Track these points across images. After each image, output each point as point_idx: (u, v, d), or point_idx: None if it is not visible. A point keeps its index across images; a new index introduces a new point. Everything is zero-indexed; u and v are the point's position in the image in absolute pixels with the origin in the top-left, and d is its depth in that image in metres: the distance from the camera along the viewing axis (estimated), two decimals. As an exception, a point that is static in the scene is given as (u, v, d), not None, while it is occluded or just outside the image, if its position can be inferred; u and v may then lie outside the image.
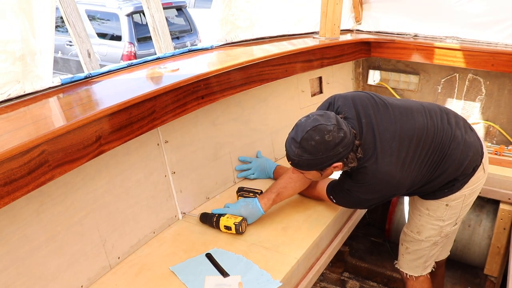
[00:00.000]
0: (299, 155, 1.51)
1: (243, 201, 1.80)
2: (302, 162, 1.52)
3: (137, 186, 1.66)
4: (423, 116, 1.67)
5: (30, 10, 1.38)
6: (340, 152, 1.50)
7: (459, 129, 1.71)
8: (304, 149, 1.49)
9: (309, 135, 1.47)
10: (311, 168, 1.55)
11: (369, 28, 3.18)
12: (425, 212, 1.83)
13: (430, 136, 1.64)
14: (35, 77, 1.48)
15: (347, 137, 1.51)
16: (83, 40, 3.04)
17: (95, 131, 1.32)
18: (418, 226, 1.87)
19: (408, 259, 1.97)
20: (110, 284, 1.47)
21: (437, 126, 1.67)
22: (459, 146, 1.67)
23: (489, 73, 2.75)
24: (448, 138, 1.66)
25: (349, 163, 1.56)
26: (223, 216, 1.74)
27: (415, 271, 1.97)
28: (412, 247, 1.93)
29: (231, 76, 1.93)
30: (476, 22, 2.77)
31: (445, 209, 1.78)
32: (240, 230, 1.71)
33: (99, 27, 7.24)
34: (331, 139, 1.47)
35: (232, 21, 2.36)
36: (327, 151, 1.48)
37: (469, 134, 1.74)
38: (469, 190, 1.75)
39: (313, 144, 1.47)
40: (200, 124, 1.96)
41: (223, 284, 1.45)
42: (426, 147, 1.63)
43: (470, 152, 1.69)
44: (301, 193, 1.97)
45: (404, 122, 1.63)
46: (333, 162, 1.52)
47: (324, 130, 1.47)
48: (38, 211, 1.31)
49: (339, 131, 1.49)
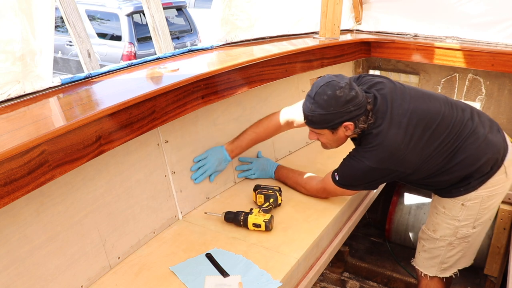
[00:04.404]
0: (312, 110, 1.62)
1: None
2: (315, 118, 1.63)
3: (137, 186, 1.66)
4: (441, 105, 1.73)
5: (30, 10, 1.38)
6: (351, 110, 1.61)
7: (483, 127, 1.74)
8: (317, 104, 1.61)
9: (322, 90, 1.60)
10: (323, 125, 1.65)
11: (369, 28, 3.18)
12: (441, 210, 1.86)
13: (445, 124, 1.69)
14: (35, 77, 1.48)
15: (358, 98, 1.62)
16: (83, 40, 3.04)
17: (95, 131, 1.32)
18: (434, 224, 1.90)
19: (423, 257, 1.99)
20: (110, 284, 1.47)
21: (456, 117, 1.71)
22: (477, 141, 1.70)
23: (489, 73, 2.76)
24: (467, 132, 1.70)
25: (360, 125, 1.66)
26: (250, 214, 1.74)
27: (430, 270, 1.97)
28: (428, 245, 1.95)
29: (231, 76, 1.93)
30: (476, 22, 2.78)
31: (460, 209, 1.79)
32: (270, 227, 1.72)
33: (99, 27, 7.24)
34: (342, 95, 1.58)
35: (232, 21, 2.36)
36: (338, 106, 1.59)
37: (494, 134, 1.76)
38: (487, 192, 1.75)
39: (325, 98, 1.59)
40: (200, 124, 1.96)
41: (223, 284, 1.45)
42: (438, 133, 1.68)
43: (489, 150, 1.71)
44: (293, 187, 2.05)
45: (419, 103, 1.72)
46: (344, 120, 1.63)
47: (336, 85, 1.59)
48: (38, 211, 1.31)
49: (350, 90, 1.60)
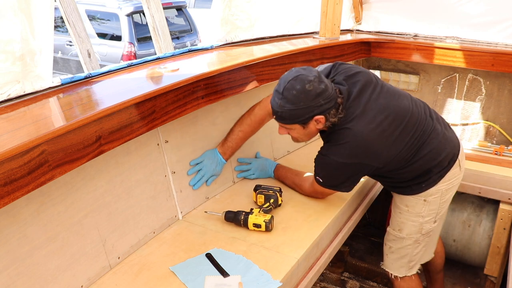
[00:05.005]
0: (281, 106, 1.57)
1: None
2: (285, 113, 1.58)
3: (137, 186, 1.66)
4: (409, 102, 1.76)
5: (29, 10, 1.38)
6: (321, 104, 1.56)
7: (439, 124, 1.81)
8: (286, 99, 1.55)
9: (290, 85, 1.54)
10: (293, 120, 1.60)
11: (369, 28, 3.18)
12: (404, 209, 1.88)
13: (413, 120, 1.71)
14: (35, 77, 1.48)
15: (328, 91, 1.58)
16: (83, 40, 3.04)
17: (95, 131, 1.32)
18: (399, 223, 1.92)
19: (392, 258, 2.00)
20: (110, 284, 1.47)
21: (421, 115, 1.75)
22: (438, 137, 1.76)
23: (489, 73, 2.76)
24: (429, 129, 1.75)
25: (330, 118, 1.62)
26: (251, 214, 1.74)
27: (399, 271, 1.99)
28: (395, 246, 1.96)
29: (231, 76, 1.93)
30: (476, 22, 2.78)
31: (423, 205, 1.83)
32: (270, 227, 1.72)
33: (99, 27, 7.24)
34: (311, 88, 1.54)
35: (232, 21, 2.36)
36: (308, 100, 1.55)
37: (449, 130, 1.84)
38: (446, 185, 1.80)
39: (294, 93, 1.54)
40: (200, 124, 1.96)
41: (223, 284, 1.45)
42: (407, 129, 1.69)
43: (447, 146, 1.78)
44: (291, 187, 2.05)
45: (391, 99, 1.72)
46: (314, 114, 1.58)
47: (305, 79, 1.54)
48: (38, 211, 1.31)
49: (320, 83, 1.56)
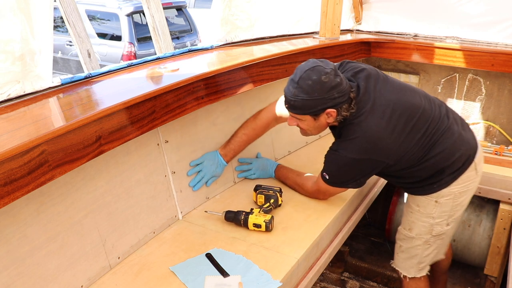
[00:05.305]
0: (295, 95, 1.57)
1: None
2: (298, 102, 1.59)
3: (137, 186, 1.66)
4: (421, 99, 1.74)
5: (29, 10, 1.38)
6: (335, 97, 1.57)
7: (456, 124, 1.77)
8: (301, 89, 1.56)
9: (307, 75, 1.55)
10: (305, 110, 1.61)
11: (369, 28, 3.18)
12: (415, 208, 1.87)
13: (425, 117, 1.69)
14: (35, 77, 1.48)
15: (343, 85, 1.58)
16: (83, 40, 3.04)
17: (95, 131, 1.32)
18: (410, 222, 1.91)
19: (402, 257, 2.00)
20: (110, 284, 1.47)
21: (434, 112, 1.73)
22: (452, 137, 1.73)
23: (489, 73, 2.76)
24: (443, 127, 1.72)
25: (342, 112, 1.62)
26: (251, 214, 1.74)
27: (409, 271, 1.98)
28: (405, 245, 1.96)
29: (231, 76, 1.93)
30: (476, 22, 2.78)
31: (434, 206, 1.81)
32: (270, 227, 1.72)
33: (99, 27, 7.24)
34: (327, 80, 1.54)
35: (232, 21, 2.36)
36: (323, 92, 1.55)
37: (467, 132, 1.80)
38: (459, 188, 1.77)
39: (309, 83, 1.54)
40: (200, 124, 1.96)
41: (223, 284, 1.45)
42: (419, 125, 1.68)
43: (462, 146, 1.74)
44: (292, 188, 2.05)
45: (402, 95, 1.71)
46: (327, 106, 1.58)
47: (322, 71, 1.54)
48: (38, 211, 1.31)
49: (335, 76, 1.56)
